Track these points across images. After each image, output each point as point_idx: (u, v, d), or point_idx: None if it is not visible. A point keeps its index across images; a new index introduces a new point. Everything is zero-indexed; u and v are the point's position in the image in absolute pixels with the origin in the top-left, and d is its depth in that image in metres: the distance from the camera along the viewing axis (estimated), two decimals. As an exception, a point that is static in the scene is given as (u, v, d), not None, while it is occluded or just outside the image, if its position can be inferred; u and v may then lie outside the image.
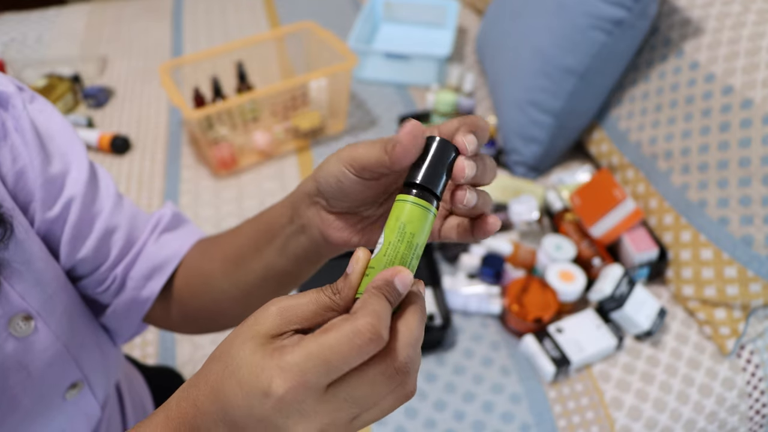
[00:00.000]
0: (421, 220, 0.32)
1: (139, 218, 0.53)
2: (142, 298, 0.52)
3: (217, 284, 0.50)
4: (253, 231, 0.48)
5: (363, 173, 0.35)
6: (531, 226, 1.06)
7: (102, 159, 1.29)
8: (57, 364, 0.46)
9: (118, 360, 0.59)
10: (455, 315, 0.98)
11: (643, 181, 1.05)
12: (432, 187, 0.32)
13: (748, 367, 0.92)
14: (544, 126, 1.14)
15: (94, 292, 0.52)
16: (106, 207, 0.50)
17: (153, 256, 0.52)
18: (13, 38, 1.66)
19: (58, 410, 0.48)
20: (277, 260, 0.45)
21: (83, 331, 0.50)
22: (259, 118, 1.31)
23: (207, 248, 0.53)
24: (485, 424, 0.85)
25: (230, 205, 1.18)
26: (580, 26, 1.04)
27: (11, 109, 0.44)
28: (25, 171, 0.44)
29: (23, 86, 0.48)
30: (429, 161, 0.32)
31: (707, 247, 0.92)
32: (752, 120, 0.87)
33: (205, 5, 1.80)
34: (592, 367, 0.92)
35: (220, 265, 0.50)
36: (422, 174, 0.32)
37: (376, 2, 1.61)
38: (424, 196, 0.32)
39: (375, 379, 0.28)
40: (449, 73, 1.39)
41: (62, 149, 0.48)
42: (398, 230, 0.32)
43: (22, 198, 0.45)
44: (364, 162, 0.34)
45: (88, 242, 0.48)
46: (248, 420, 0.28)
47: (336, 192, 0.37)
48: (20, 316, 0.42)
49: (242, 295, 0.49)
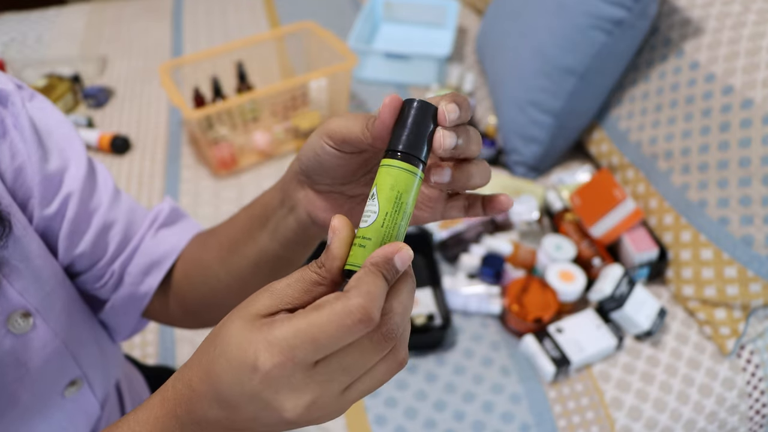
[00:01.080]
0: (412, 187, 0.31)
1: (137, 213, 0.53)
2: (140, 294, 0.52)
3: (213, 273, 0.50)
4: (246, 217, 0.48)
5: (343, 146, 0.35)
6: (531, 226, 1.06)
7: (102, 159, 1.29)
8: (55, 361, 0.46)
9: (118, 358, 0.59)
10: (455, 315, 0.98)
11: (643, 181, 1.04)
12: (416, 152, 0.31)
13: (748, 367, 0.92)
14: (544, 126, 1.14)
15: (93, 287, 0.52)
16: (104, 202, 0.50)
17: (151, 252, 0.52)
18: (13, 38, 1.66)
19: (57, 407, 0.48)
20: (269, 244, 0.45)
21: (82, 328, 0.50)
22: (259, 118, 1.31)
23: (205, 239, 0.53)
24: (485, 424, 0.85)
25: (230, 205, 1.18)
26: (580, 26, 1.04)
27: (10, 106, 0.44)
28: (23, 168, 0.44)
29: (22, 84, 0.48)
30: (410, 124, 0.31)
31: (707, 247, 0.92)
32: (752, 120, 0.87)
33: (205, 5, 1.80)
34: (592, 367, 0.92)
35: (217, 254, 0.50)
36: (405, 139, 0.31)
37: (376, 2, 1.61)
38: (410, 161, 0.31)
39: (362, 344, 0.28)
40: (449, 73, 1.39)
41: (60, 146, 0.48)
42: (395, 200, 0.31)
43: (21, 195, 0.45)
44: (344, 135, 0.34)
45: (85, 237, 0.49)
46: (240, 398, 0.28)
47: (316, 166, 0.37)
48: (18, 313, 0.42)
49: (238, 284, 0.49)
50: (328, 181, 0.38)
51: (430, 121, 0.32)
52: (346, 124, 0.34)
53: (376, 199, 0.31)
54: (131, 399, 0.67)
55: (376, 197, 0.31)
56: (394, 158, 0.31)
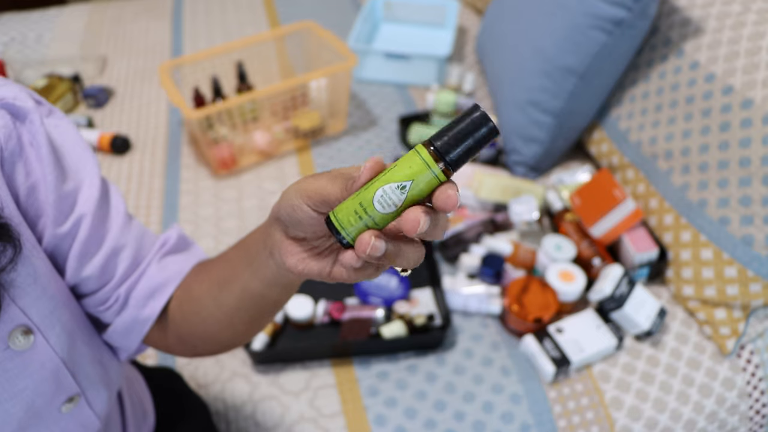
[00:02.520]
0: (427, 191, 0.33)
1: (146, 239, 0.53)
2: (143, 318, 0.52)
3: (204, 307, 0.51)
4: (235, 254, 0.49)
5: (320, 207, 0.35)
6: (531, 226, 1.06)
7: (102, 159, 1.29)
8: (54, 379, 0.46)
9: (121, 372, 0.59)
10: (455, 315, 0.98)
11: (643, 181, 1.04)
12: (454, 165, 0.32)
13: (748, 367, 0.92)
14: (544, 126, 1.14)
15: (97, 310, 0.52)
16: (115, 226, 0.50)
17: (155, 277, 0.52)
18: (13, 38, 1.66)
19: (53, 422, 0.48)
20: (252, 283, 0.45)
21: (84, 347, 0.50)
22: (259, 118, 1.31)
23: (198, 271, 0.53)
24: (485, 424, 0.85)
25: (230, 205, 1.18)
26: (580, 26, 1.04)
27: (28, 124, 0.44)
28: (36, 186, 0.44)
29: (41, 99, 0.48)
30: (458, 128, 0.32)
31: (707, 247, 0.92)
32: (752, 120, 0.87)
33: (205, 5, 1.80)
34: (592, 367, 0.92)
35: (207, 288, 0.50)
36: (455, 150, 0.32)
37: (376, 2, 1.61)
38: (445, 173, 0.32)
39: None
40: (449, 73, 1.39)
41: (75, 165, 0.48)
42: (412, 200, 0.33)
43: (32, 213, 0.45)
44: (323, 197, 0.35)
45: (95, 260, 0.49)
46: None
47: (292, 221, 0.37)
48: (20, 330, 0.42)
49: (226, 318, 0.50)
50: (301, 234, 0.39)
51: (479, 132, 0.32)
52: (324, 186, 0.34)
53: (405, 194, 0.32)
54: (131, 400, 0.67)
55: (407, 194, 0.32)
56: (433, 155, 0.32)
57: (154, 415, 0.73)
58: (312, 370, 0.91)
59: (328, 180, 0.35)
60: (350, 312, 0.95)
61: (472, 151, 0.32)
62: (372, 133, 1.35)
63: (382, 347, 0.92)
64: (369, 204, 0.33)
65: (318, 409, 0.86)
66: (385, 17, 1.65)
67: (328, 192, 0.34)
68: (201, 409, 0.80)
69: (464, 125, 0.32)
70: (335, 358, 0.92)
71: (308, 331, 0.96)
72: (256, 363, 0.91)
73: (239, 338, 0.52)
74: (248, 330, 0.51)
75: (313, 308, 0.94)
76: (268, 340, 0.92)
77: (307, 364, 0.92)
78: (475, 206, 1.11)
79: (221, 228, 1.13)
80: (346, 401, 0.87)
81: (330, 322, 0.97)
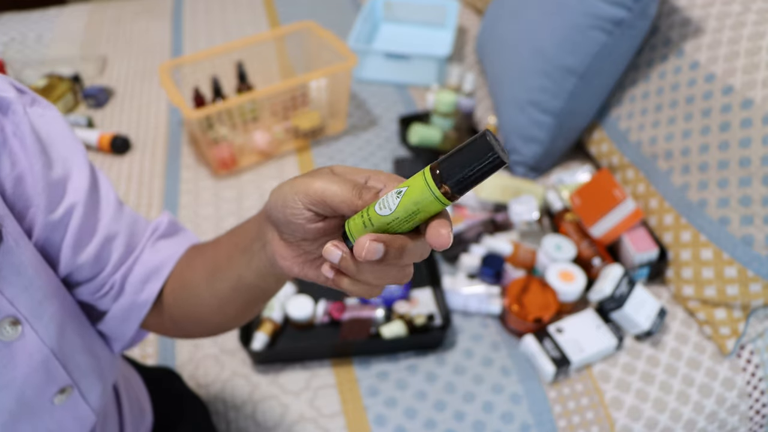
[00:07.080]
0: (431, 212, 0.33)
1: (138, 225, 0.54)
2: (140, 302, 0.52)
3: (196, 292, 0.51)
4: (229, 242, 0.48)
5: (317, 206, 0.35)
6: (531, 226, 1.06)
7: (102, 159, 1.29)
8: (43, 370, 0.46)
9: (115, 365, 0.59)
10: (455, 315, 0.98)
11: (643, 181, 1.04)
12: (458, 190, 0.31)
13: (748, 367, 0.92)
14: (544, 126, 1.14)
15: (93, 297, 0.52)
16: (107, 214, 0.50)
17: (150, 261, 0.52)
18: (13, 38, 1.66)
19: (46, 413, 0.48)
20: (245, 272, 0.45)
21: (74, 337, 0.50)
22: (259, 118, 1.31)
23: (191, 257, 0.54)
24: (485, 424, 0.85)
25: (230, 205, 1.18)
26: (580, 26, 1.04)
27: (11, 114, 0.44)
28: (23, 176, 0.44)
29: (24, 88, 0.47)
30: (463, 153, 0.31)
31: (707, 247, 0.92)
32: (752, 120, 0.87)
33: (205, 5, 1.80)
34: (592, 367, 0.92)
35: (200, 274, 0.51)
36: (458, 174, 0.31)
37: (376, 2, 1.61)
38: (447, 196, 0.32)
39: None
40: (449, 73, 1.39)
41: (63, 154, 0.48)
42: (411, 213, 0.32)
43: (21, 204, 0.45)
44: (327, 198, 0.34)
45: (88, 248, 0.49)
46: None
47: (284, 219, 0.37)
48: (7, 321, 0.42)
49: (218, 304, 0.50)
50: (292, 237, 0.38)
51: (482, 159, 0.31)
52: (331, 187, 0.34)
53: (400, 198, 0.32)
54: (128, 399, 0.67)
55: (401, 198, 0.32)
56: (434, 178, 0.31)
57: (152, 414, 0.73)
58: (312, 370, 0.91)
59: (334, 181, 0.34)
60: (350, 312, 0.95)
61: (475, 182, 0.31)
62: (372, 133, 1.35)
63: (382, 347, 0.92)
64: (371, 207, 0.34)
65: (318, 409, 0.86)
66: (385, 17, 1.65)
67: (334, 192, 0.34)
68: (200, 409, 0.80)
69: (472, 156, 0.31)
70: (335, 358, 0.92)
71: (308, 331, 0.96)
72: (256, 363, 0.91)
73: (231, 323, 0.53)
74: (240, 315, 0.51)
75: (313, 308, 0.94)
76: (268, 340, 0.92)
77: (307, 364, 0.92)
78: (475, 206, 1.11)
79: (221, 228, 1.13)
80: (346, 401, 0.87)
81: (330, 322, 0.97)
